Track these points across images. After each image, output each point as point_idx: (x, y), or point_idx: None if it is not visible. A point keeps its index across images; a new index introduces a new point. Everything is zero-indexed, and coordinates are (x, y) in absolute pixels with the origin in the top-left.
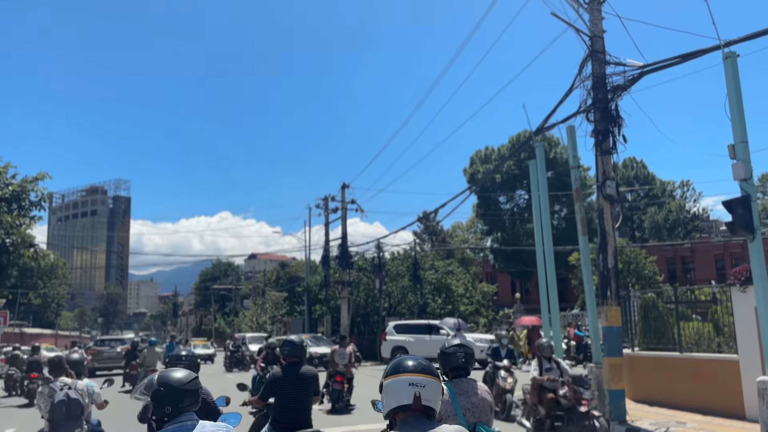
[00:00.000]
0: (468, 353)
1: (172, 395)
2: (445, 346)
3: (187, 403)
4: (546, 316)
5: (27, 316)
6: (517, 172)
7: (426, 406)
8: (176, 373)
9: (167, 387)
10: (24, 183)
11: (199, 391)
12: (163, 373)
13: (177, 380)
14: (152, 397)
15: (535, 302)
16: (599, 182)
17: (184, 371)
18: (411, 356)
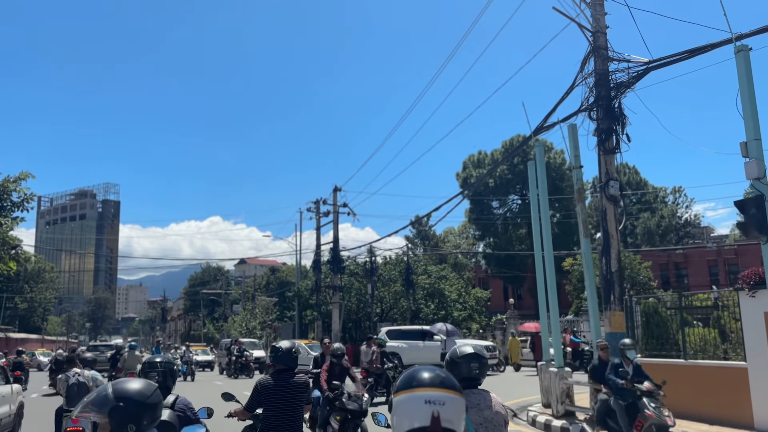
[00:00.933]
0: (483, 362)
1: (136, 411)
2: (456, 354)
3: (149, 420)
4: (545, 321)
5: (13, 320)
6: (510, 177)
7: (447, 429)
8: (134, 384)
9: (129, 401)
10: (5, 183)
11: (160, 405)
12: (119, 386)
13: (139, 393)
14: (110, 414)
15: (528, 308)
16: (602, 183)
17: (141, 381)
18: (427, 367)
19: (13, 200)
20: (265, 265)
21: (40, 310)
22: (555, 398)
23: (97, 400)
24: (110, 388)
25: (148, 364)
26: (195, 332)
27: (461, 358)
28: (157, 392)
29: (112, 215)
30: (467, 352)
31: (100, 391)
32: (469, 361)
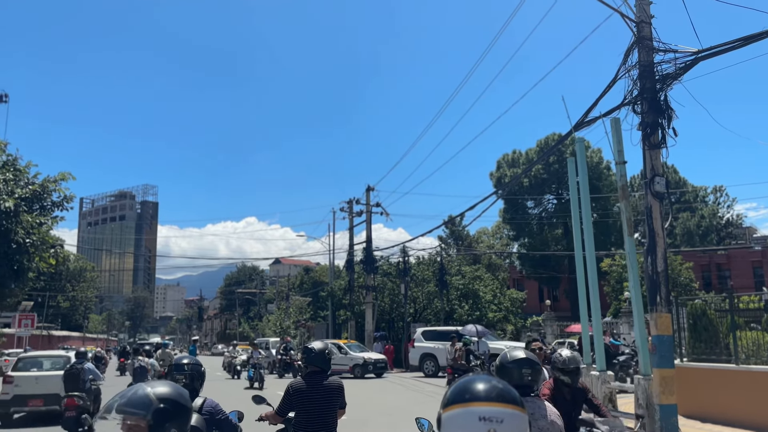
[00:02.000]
0: (536, 369)
1: (178, 413)
2: (507, 359)
3: (187, 423)
4: (585, 323)
5: (55, 318)
6: (545, 176)
7: None
8: (171, 387)
9: (171, 403)
10: (46, 183)
11: (190, 411)
12: (158, 388)
13: (180, 396)
14: (154, 416)
15: (564, 309)
16: (647, 179)
17: (173, 385)
18: (482, 376)
19: (53, 200)
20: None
21: (82, 309)
22: None
23: (138, 402)
24: (148, 389)
25: (176, 366)
26: (230, 331)
27: (512, 363)
28: (187, 397)
29: (150, 216)
30: (518, 356)
31: (138, 393)
32: (520, 366)
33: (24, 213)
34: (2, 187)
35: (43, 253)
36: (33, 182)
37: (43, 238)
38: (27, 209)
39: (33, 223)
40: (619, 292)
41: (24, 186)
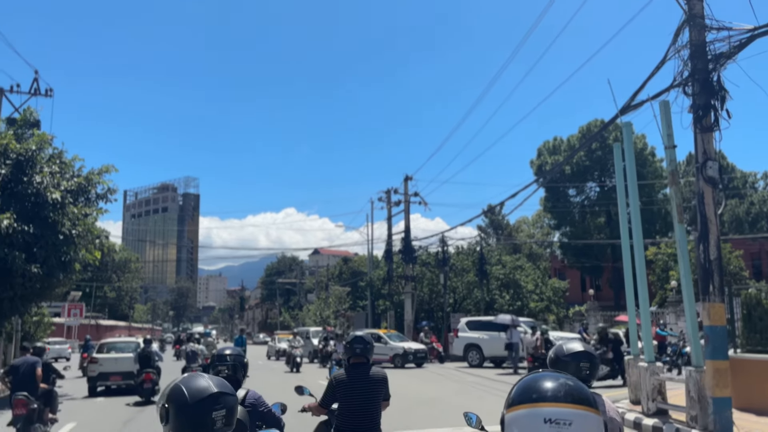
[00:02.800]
0: (593, 362)
1: (194, 415)
2: (563, 352)
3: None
4: (632, 313)
5: (102, 308)
6: (588, 164)
7: None
8: (197, 382)
9: (180, 406)
10: (90, 175)
11: (234, 410)
12: (177, 386)
13: (199, 390)
14: (173, 415)
15: (607, 299)
16: (699, 163)
17: (206, 380)
18: (551, 374)
19: (97, 192)
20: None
21: (127, 299)
22: (645, 395)
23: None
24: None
25: (218, 356)
26: (272, 320)
27: (568, 356)
28: (229, 397)
29: (192, 208)
30: (576, 349)
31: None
32: (578, 360)
33: (70, 205)
34: (49, 180)
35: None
36: (78, 175)
37: (88, 230)
38: (73, 201)
39: (78, 215)
40: (664, 281)
41: (69, 178)
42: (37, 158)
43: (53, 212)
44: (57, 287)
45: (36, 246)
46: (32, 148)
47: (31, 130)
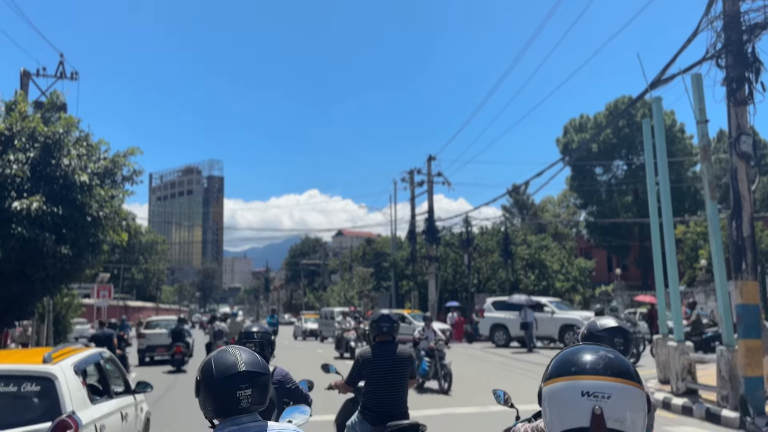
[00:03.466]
0: (628, 338)
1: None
2: (596, 328)
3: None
4: (662, 292)
5: (130, 290)
6: (615, 141)
7: (615, 431)
8: (227, 358)
9: (207, 380)
10: (116, 158)
11: (264, 389)
12: (208, 361)
13: (227, 367)
14: (202, 388)
15: (634, 279)
16: (732, 138)
17: (237, 357)
18: (590, 347)
19: (123, 174)
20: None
21: (155, 281)
22: (675, 374)
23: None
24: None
25: (246, 333)
26: (296, 301)
27: (602, 332)
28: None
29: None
30: (609, 325)
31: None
32: (612, 335)
33: (97, 187)
34: (76, 163)
35: (116, 226)
36: (105, 157)
37: (115, 212)
38: (99, 183)
39: (105, 197)
40: (693, 260)
41: (96, 161)
42: (65, 141)
43: (81, 194)
44: (86, 268)
45: (65, 227)
46: (59, 131)
47: (57, 113)
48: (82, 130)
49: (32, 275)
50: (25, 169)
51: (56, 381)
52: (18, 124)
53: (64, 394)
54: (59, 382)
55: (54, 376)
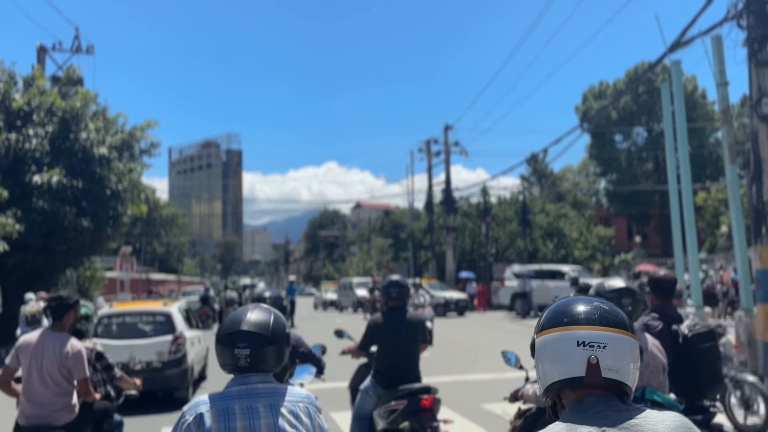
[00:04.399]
0: (637, 299)
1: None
2: (604, 288)
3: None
4: (680, 259)
5: (153, 263)
6: (635, 108)
7: (610, 380)
8: (237, 315)
9: (217, 333)
10: (134, 131)
11: (264, 354)
12: (232, 314)
13: (233, 323)
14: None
15: (654, 247)
16: (753, 100)
17: (244, 316)
18: (583, 297)
19: (141, 147)
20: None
21: (176, 253)
22: None
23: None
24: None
25: (258, 298)
26: (316, 273)
27: (611, 293)
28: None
29: (235, 164)
30: (617, 286)
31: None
32: (620, 296)
33: (115, 160)
34: (95, 136)
35: (135, 198)
36: (122, 131)
37: (134, 185)
38: (118, 157)
39: (124, 170)
40: (714, 227)
41: (114, 134)
42: (83, 115)
43: (100, 168)
44: (107, 241)
45: (85, 201)
46: (77, 105)
47: (74, 87)
48: (99, 104)
49: (54, 248)
50: (45, 144)
51: (172, 315)
52: (36, 99)
53: (176, 322)
54: (173, 315)
55: (170, 312)
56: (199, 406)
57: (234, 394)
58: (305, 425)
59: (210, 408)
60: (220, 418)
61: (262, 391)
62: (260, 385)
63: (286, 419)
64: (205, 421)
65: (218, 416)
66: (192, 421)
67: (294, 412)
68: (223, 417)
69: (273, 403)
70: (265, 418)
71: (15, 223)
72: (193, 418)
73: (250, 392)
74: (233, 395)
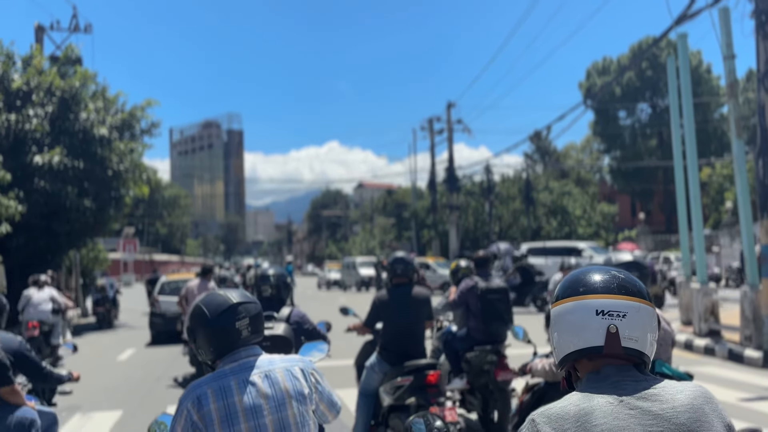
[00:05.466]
0: (644, 273)
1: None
2: (611, 262)
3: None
4: (685, 235)
5: (156, 243)
6: (638, 84)
7: (630, 349)
8: (214, 298)
9: (203, 324)
10: (134, 110)
11: (258, 318)
12: (197, 306)
13: (218, 305)
14: (199, 334)
15: (657, 224)
16: (761, 73)
17: (223, 294)
18: (600, 267)
19: (141, 127)
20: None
21: (179, 234)
22: (698, 315)
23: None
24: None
25: (262, 277)
26: (319, 253)
27: (619, 267)
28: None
29: (237, 144)
30: (625, 259)
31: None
32: (628, 269)
33: (116, 140)
34: (95, 116)
35: (137, 179)
36: (122, 110)
37: (135, 165)
38: (118, 137)
39: (125, 151)
40: (719, 203)
41: (114, 114)
42: (82, 95)
43: (101, 148)
44: (109, 222)
45: (87, 181)
46: (76, 84)
47: (73, 67)
48: (98, 83)
49: (57, 228)
50: (45, 124)
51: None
52: (35, 79)
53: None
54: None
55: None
56: (195, 389)
57: (227, 372)
58: (303, 386)
59: (207, 389)
60: (218, 397)
61: (255, 363)
62: (251, 358)
63: (283, 385)
64: (204, 403)
65: (216, 395)
66: (191, 406)
67: (291, 376)
68: (221, 395)
69: (267, 372)
70: (262, 388)
71: (17, 204)
72: (191, 402)
73: (243, 366)
74: (227, 373)
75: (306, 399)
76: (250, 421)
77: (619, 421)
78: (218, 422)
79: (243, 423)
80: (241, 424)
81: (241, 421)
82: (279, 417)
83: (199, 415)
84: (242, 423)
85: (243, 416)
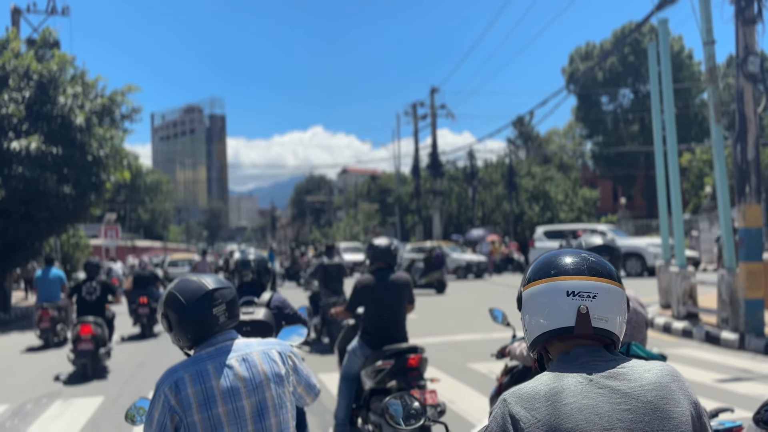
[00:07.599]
0: (615, 255)
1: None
2: (582, 246)
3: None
4: (665, 220)
5: (138, 230)
6: (621, 70)
7: (599, 330)
8: (189, 284)
9: (178, 311)
10: (114, 95)
11: (234, 302)
12: (170, 293)
13: (193, 291)
14: (174, 321)
15: (639, 209)
16: (739, 59)
17: (197, 280)
18: (570, 250)
19: (122, 112)
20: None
21: (161, 220)
22: (676, 299)
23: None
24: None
25: (243, 262)
26: (303, 238)
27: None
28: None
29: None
30: (596, 243)
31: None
32: (599, 253)
33: (96, 126)
34: (73, 101)
35: (117, 164)
36: (102, 95)
37: (116, 151)
38: (98, 122)
39: (105, 136)
40: (698, 188)
41: (93, 99)
42: (60, 79)
43: (80, 134)
44: (90, 208)
45: (66, 167)
46: (54, 68)
47: (50, 50)
48: (77, 67)
49: (36, 215)
50: (21, 109)
51: None
52: (11, 63)
53: None
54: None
55: None
56: (172, 374)
57: (204, 356)
58: (280, 368)
59: (184, 374)
60: (195, 382)
61: (232, 347)
62: (227, 342)
63: (260, 368)
64: (181, 388)
65: (193, 380)
66: (169, 390)
67: (269, 359)
68: (198, 380)
69: (244, 356)
70: (239, 372)
71: None
72: (169, 387)
73: (220, 351)
74: (204, 357)
75: (283, 381)
76: (228, 404)
77: (588, 399)
78: (196, 406)
79: (221, 406)
80: (219, 407)
81: (219, 404)
82: (257, 399)
83: (177, 400)
84: (220, 406)
85: (221, 399)
